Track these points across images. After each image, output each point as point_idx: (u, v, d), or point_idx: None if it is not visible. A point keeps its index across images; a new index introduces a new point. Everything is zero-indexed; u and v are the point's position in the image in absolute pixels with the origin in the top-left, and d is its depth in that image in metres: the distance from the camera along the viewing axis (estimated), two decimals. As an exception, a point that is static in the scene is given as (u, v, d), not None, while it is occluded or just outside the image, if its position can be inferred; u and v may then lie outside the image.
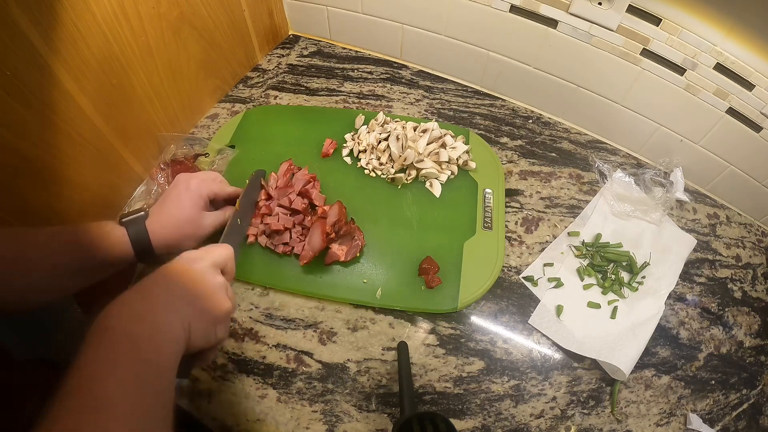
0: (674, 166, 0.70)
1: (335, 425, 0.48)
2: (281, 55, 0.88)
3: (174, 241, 0.50)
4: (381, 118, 0.71)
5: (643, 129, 0.70)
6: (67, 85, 0.50)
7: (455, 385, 0.51)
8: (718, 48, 0.56)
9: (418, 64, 0.86)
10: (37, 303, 0.44)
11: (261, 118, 0.75)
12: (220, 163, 0.68)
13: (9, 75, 0.43)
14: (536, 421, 0.49)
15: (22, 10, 0.42)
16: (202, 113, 0.77)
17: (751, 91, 0.57)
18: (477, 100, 0.81)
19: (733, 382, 0.54)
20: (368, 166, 0.67)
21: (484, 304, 0.57)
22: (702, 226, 0.67)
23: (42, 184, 0.51)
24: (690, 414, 0.51)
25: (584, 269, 0.60)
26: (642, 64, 0.63)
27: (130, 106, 0.60)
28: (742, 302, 0.60)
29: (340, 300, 0.56)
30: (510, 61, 0.75)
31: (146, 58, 0.60)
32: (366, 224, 0.60)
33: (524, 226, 0.64)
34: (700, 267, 0.63)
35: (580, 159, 0.73)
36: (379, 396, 0.50)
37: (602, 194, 0.67)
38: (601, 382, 0.52)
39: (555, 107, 0.78)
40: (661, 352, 0.55)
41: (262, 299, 0.57)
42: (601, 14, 0.61)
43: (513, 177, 0.70)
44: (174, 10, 0.62)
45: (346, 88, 0.82)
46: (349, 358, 0.53)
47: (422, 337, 0.54)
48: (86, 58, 0.51)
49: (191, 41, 0.67)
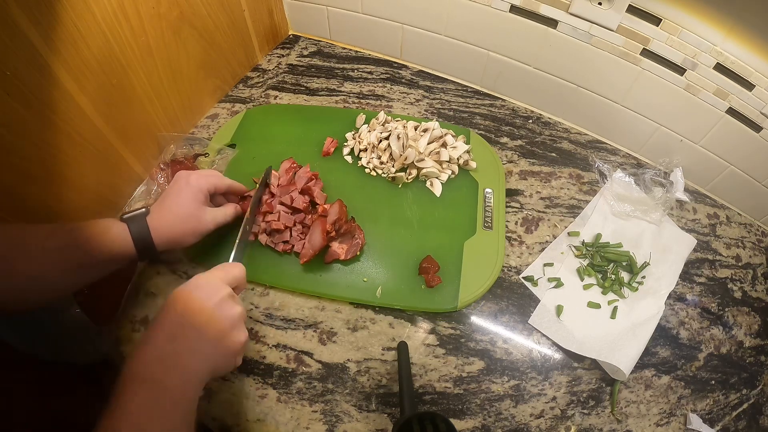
0: (674, 166, 0.70)
1: (335, 425, 0.48)
2: (281, 55, 0.88)
3: (176, 236, 0.50)
4: (382, 117, 0.71)
5: (643, 129, 0.70)
6: (67, 85, 0.50)
7: (455, 385, 0.51)
8: (718, 48, 0.56)
9: (418, 64, 0.86)
10: (37, 302, 0.43)
11: (262, 118, 0.75)
12: (220, 163, 0.68)
13: (9, 75, 0.43)
14: (536, 421, 0.49)
15: (22, 10, 0.42)
16: (202, 113, 0.77)
17: (751, 91, 0.57)
18: (477, 100, 0.80)
19: (733, 382, 0.54)
20: (369, 165, 0.67)
21: (484, 304, 0.57)
22: (702, 226, 0.67)
23: (42, 184, 0.51)
24: (690, 414, 0.51)
25: (584, 269, 0.60)
26: (642, 64, 0.63)
27: (130, 106, 0.60)
28: (742, 302, 0.60)
29: (340, 298, 0.56)
30: (510, 61, 0.75)
31: (146, 58, 0.60)
32: (366, 223, 0.60)
33: (524, 226, 0.64)
34: (700, 267, 0.63)
35: (580, 159, 0.73)
36: (379, 396, 0.50)
37: (602, 194, 0.67)
38: (601, 382, 0.52)
39: (555, 107, 0.78)
40: (661, 352, 0.55)
41: (262, 299, 0.57)
42: (601, 14, 0.61)
43: (513, 177, 0.70)
44: (174, 10, 0.62)
45: (346, 88, 0.82)
46: (349, 358, 0.53)
47: (422, 337, 0.54)
48: (86, 58, 0.51)
49: (191, 41, 0.67)
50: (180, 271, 0.59)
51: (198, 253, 0.59)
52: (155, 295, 0.57)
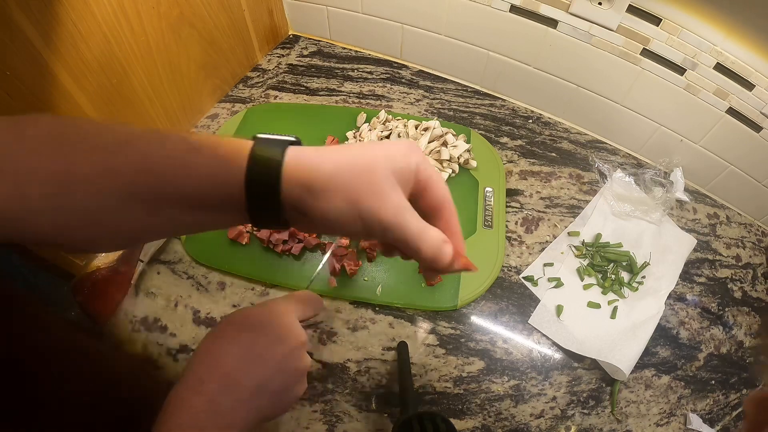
0: (674, 166, 0.70)
1: (335, 425, 0.48)
2: (281, 55, 0.88)
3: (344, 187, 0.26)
4: (383, 116, 0.71)
5: (643, 129, 0.70)
6: (67, 85, 0.50)
7: (455, 385, 0.51)
8: (718, 48, 0.56)
9: (418, 64, 0.86)
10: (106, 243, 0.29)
11: (263, 116, 0.75)
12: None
13: (9, 75, 0.43)
14: (536, 421, 0.49)
15: (22, 10, 0.42)
16: (202, 113, 0.77)
17: (751, 91, 0.57)
18: (477, 100, 0.80)
19: (733, 382, 0.54)
20: (368, 165, 0.67)
21: (484, 304, 0.57)
22: (702, 226, 0.67)
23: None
24: (690, 414, 0.51)
25: (584, 269, 0.60)
26: (642, 64, 0.63)
27: (130, 106, 0.60)
28: (742, 302, 0.60)
29: (341, 297, 0.56)
30: (510, 61, 0.75)
31: (146, 58, 0.60)
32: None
33: (524, 226, 0.64)
34: (700, 267, 0.63)
35: (580, 159, 0.73)
36: (379, 396, 0.50)
37: (602, 194, 0.67)
38: (601, 382, 0.52)
39: (555, 107, 0.78)
40: (661, 352, 0.55)
41: (263, 299, 0.57)
42: (601, 14, 0.61)
43: (513, 177, 0.70)
44: (174, 10, 0.62)
45: (346, 88, 0.82)
46: (349, 358, 0.53)
47: (422, 337, 0.54)
48: (86, 58, 0.51)
49: (191, 41, 0.67)
50: (180, 271, 0.59)
51: (198, 252, 0.59)
52: (155, 295, 0.57)
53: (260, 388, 0.31)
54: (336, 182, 0.26)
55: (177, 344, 0.53)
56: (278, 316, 0.33)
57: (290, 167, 0.26)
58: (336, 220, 0.26)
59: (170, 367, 0.52)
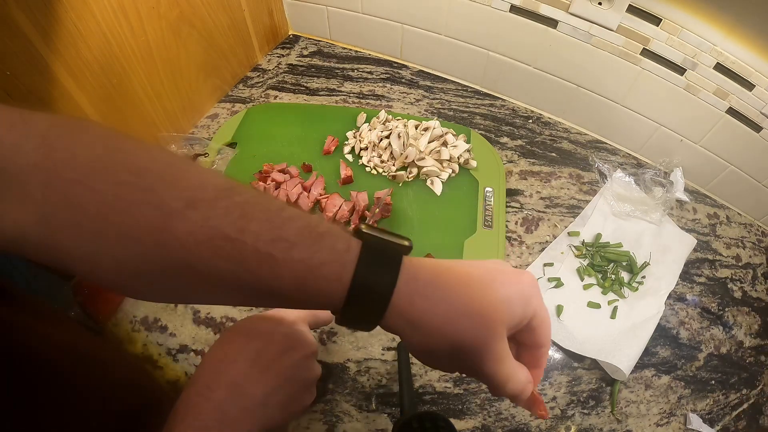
0: (674, 166, 0.70)
1: (335, 425, 0.48)
2: (281, 55, 0.88)
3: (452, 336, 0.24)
4: (383, 116, 0.71)
5: (643, 129, 0.70)
6: (67, 85, 0.50)
7: (455, 385, 0.51)
8: (718, 48, 0.56)
9: (418, 64, 0.86)
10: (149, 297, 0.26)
11: (263, 116, 0.75)
12: (220, 163, 0.68)
13: (9, 75, 0.43)
14: (536, 421, 0.49)
15: (22, 10, 0.42)
16: (202, 113, 0.77)
17: (751, 91, 0.57)
18: (477, 100, 0.80)
19: (733, 382, 0.54)
20: (370, 163, 0.67)
21: (484, 304, 0.57)
22: (702, 226, 0.67)
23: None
24: (690, 414, 0.51)
25: (584, 269, 0.60)
26: (642, 64, 0.63)
27: (130, 106, 0.60)
28: (742, 302, 0.60)
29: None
30: (510, 61, 0.75)
31: (146, 58, 0.60)
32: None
33: (524, 226, 0.64)
34: (700, 267, 0.63)
35: (580, 159, 0.73)
36: (379, 396, 0.50)
37: (602, 194, 0.67)
38: (601, 382, 0.52)
39: (555, 107, 0.78)
40: (661, 352, 0.55)
41: (262, 299, 0.57)
42: (601, 14, 0.61)
43: (513, 177, 0.70)
44: (174, 10, 0.62)
45: (346, 88, 0.82)
46: (349, 358, 0.53)
47: (422, 337, 0.54)
48: (86, 58, 0.51)
49: (191, 41, 0.67)
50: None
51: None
52: (155, 295, 0.57)
53: (268, 397, 0.30)
54: (446, 330, 0.24)
55: (177, 344, 0.53)
56: (289, 325, 0.33)
57: (400, 304, 0.23)
58: (430, 354, 0.26)
59: (170, 367, 0.52)
